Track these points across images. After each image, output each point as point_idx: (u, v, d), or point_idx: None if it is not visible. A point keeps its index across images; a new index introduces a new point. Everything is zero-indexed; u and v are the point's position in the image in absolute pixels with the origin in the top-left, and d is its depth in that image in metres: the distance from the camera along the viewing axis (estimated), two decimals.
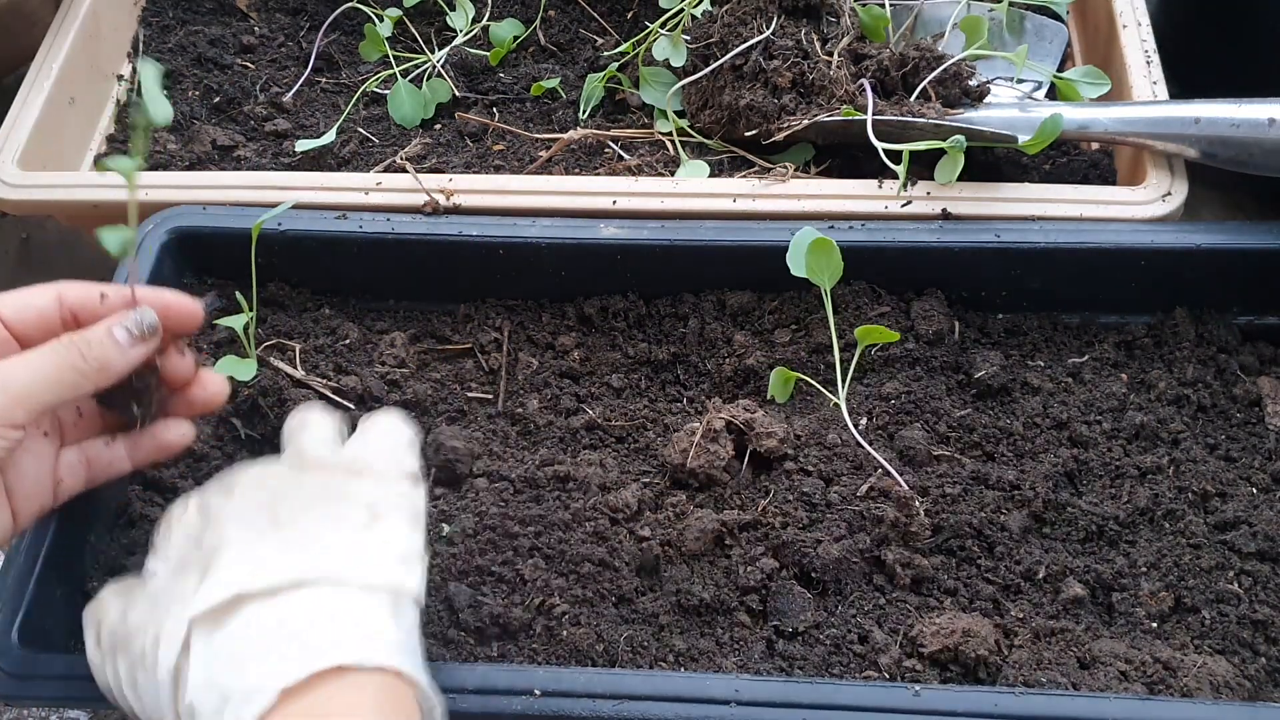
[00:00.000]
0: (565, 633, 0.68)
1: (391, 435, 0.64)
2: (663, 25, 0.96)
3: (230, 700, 0.51)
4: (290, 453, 0.63)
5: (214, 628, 0.53)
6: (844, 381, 0.76)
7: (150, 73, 0.60)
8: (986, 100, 0.89)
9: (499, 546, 0.71)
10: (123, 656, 0.57)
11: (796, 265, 0.77)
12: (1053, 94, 0.96)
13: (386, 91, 1.01)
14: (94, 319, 0.62)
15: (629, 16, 1.06)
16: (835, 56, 0.89)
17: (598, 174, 0.91)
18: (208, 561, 0.56)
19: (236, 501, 0.58)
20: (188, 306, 0.65)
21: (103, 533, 0.74)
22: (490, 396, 0.82)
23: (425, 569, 0.60)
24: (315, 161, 0.98)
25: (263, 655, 0.52)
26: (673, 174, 0.90)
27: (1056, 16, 0.99)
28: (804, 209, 0.83)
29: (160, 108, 0.60)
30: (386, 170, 0.93)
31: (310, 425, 0.63)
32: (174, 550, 0.58)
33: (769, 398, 0.79)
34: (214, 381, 0.68)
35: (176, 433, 0.67)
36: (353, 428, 0.66)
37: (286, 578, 0.54)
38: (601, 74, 0.98)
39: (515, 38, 1.04)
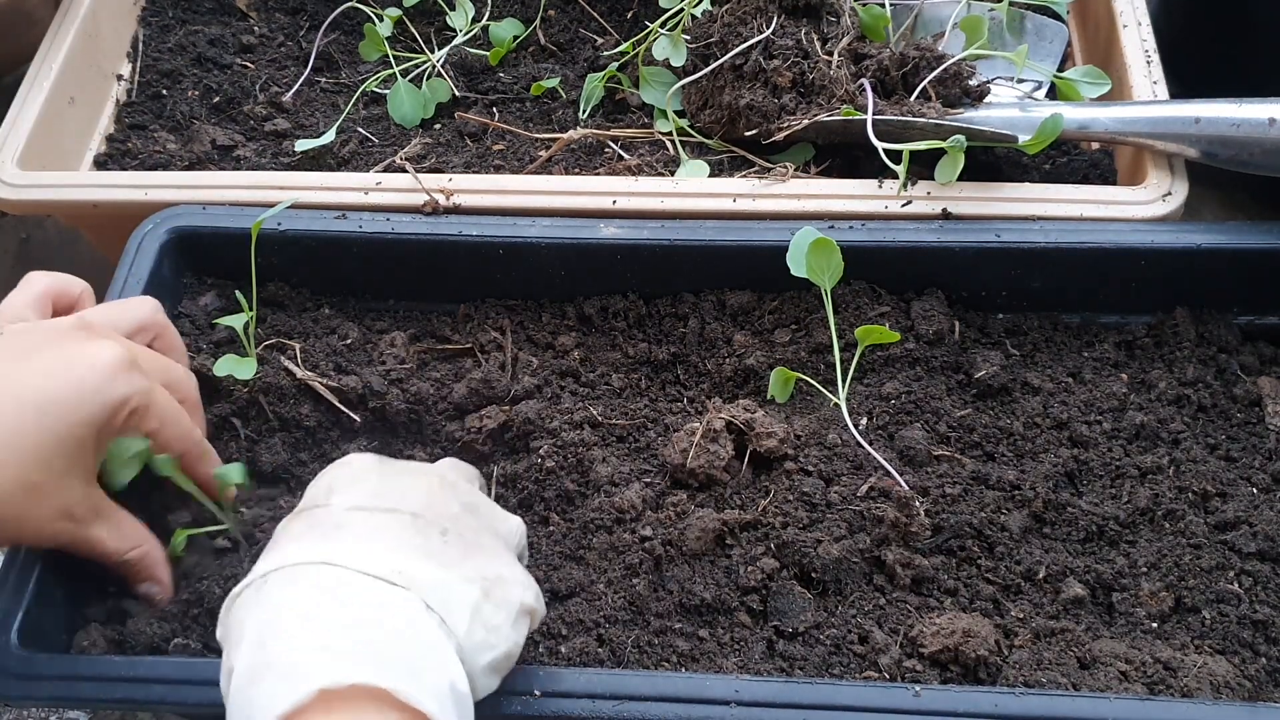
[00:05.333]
0: (580, 641, 0.68)
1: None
2: (663, 25, 0.95)
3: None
4: None
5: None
6: (844, 381, 0.76)
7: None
8: (987, 100, 0.89)
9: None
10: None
11: (797, 265, 0.77)
12: (1053, 94, 0.96)
13: (386, 91, 1.01)
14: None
15: (629, 16, 1.06)
16: (835, 56, 0.89)
17: (598, 174, 0.91)
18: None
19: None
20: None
21: None
22: None
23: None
24: (315, 161, 0.98)
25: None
26: (673, 174, 0.90)
27: (1057, 16, 0.99)
28: (804, 209, 0.83)
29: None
30: (386, 170, 0.93)
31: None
32: None
33: (769, 398, 0.79)
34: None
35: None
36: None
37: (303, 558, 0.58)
38: (601, 74, 0.98)
39: (515, 37, 1.04)
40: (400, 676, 0.51)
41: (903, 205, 0.82)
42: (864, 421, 0.77)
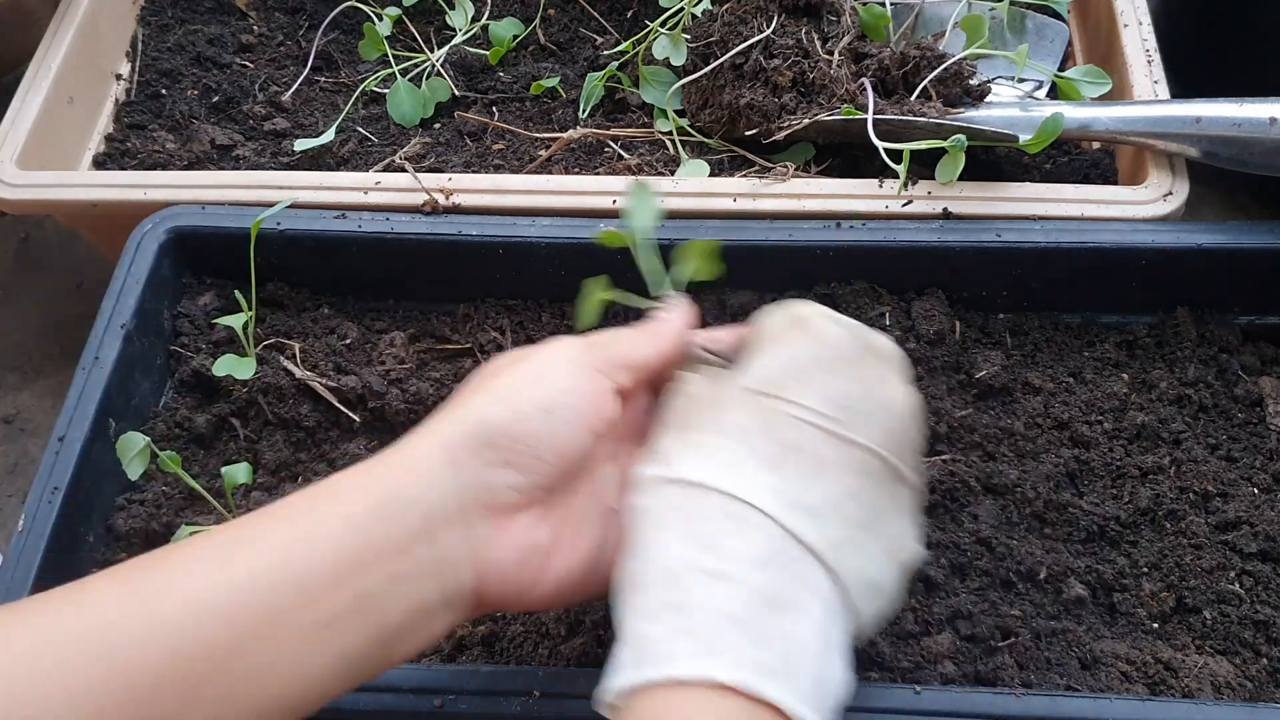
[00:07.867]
0: (580, 640, 0.68)
1: None
2: (663, 24, 0.95)
3: None
4: None
5: None
6: None
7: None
8: (987, 99, 0.89)
9: None
10: None
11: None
12: (1054, 93, 0.96)
13: (386, 91, 1.01)
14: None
15: (629, 15, 1.06)
16: (836, 55, 0.89)
17: (598, 173, 0.91)
18: None
19: None
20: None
21: (101, 534, 0.74)
22: None
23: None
24: (314, 161, 0.97)
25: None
26: (673, 173, 0.90)
27: (1057, 15, 0.99)
28: (804, 208, 0.83)
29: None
30: (386, 170, 0.93)
31: None
32: None
33: None
34: None
35: None
36: None
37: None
38: (601, 73, 0.98)
39: (515, 37, 1.04)
40: (804, 695, 0.43)
41: (903, 205, 0.82)
42: None
